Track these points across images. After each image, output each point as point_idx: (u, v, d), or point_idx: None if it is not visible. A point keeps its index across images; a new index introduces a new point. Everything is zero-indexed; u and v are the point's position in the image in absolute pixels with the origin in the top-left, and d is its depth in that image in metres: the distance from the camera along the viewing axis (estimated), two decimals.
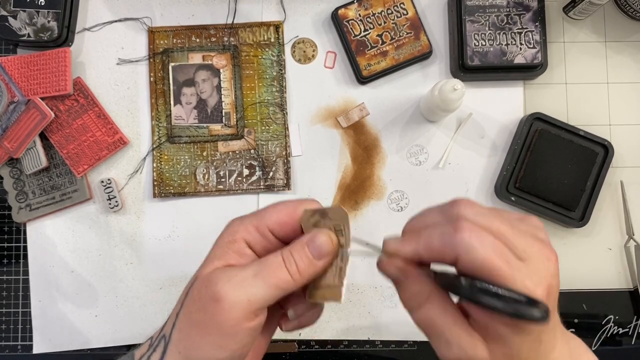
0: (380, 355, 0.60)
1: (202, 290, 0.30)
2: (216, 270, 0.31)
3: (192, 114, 0.60)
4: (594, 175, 0.58)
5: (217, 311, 0.29)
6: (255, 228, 0.32)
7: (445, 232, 0.28)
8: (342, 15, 0.60)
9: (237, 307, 0.29)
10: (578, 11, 0.60)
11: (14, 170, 0.60)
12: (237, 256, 0.32)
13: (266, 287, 0.30)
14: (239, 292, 0.29)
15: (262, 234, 0.32)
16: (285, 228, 0.32)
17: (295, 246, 0.31)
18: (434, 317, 0.29)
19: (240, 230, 0.32)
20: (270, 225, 0.32)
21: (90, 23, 0.61)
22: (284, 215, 0.32)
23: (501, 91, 0.61)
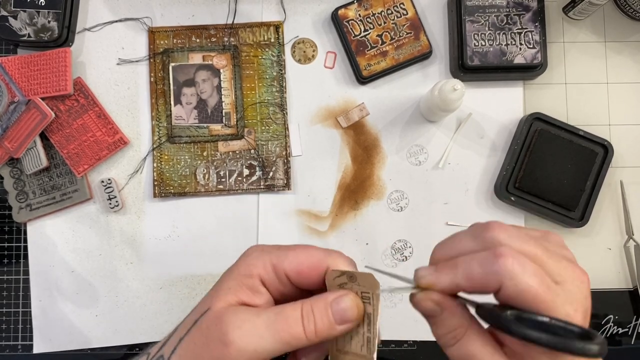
0: (380, 356, 0.60)
1: (211, 326, 0.29)
2: (230, 308, 0.30)
3: (193, 114, 0.61)
4: (594, 175, 0.58)
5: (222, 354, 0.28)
6: (273, 268, 0.31)
7: (485, 259, 0.27)
8: (342, 16, 0.60)
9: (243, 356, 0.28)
10: (578, 11, 0.60)
11: (15, 170, 0.60)
12: (251, 293, 0.31)
13: (277, 341, 0.29)
14: (248, 341, 0.28)
15: (279, 276, 0.31)
16: (303, 279, 0.31)
17: (317, 303, 0.29)
18: (473, 351, 0.28)
19: (259, 266, 0.31)
20: (288, 271, 0.31)
21: (91, 23, 0.62)
22: (307, 266, 0.31)
23: (501, 91, 0.61)
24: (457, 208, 0.60)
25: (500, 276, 0.26)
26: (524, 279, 0.25)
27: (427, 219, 0.60)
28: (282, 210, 0.61)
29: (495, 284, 0.26)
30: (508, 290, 0.26)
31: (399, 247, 0.60)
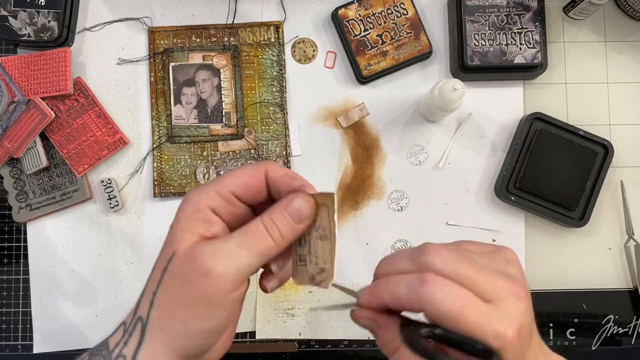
0: (380, 355, 0.60)
1: (185, 266, 0.30)
2: (196, 244, 0.30)
3: (193, 113, 0.61)
4: (594, 175, 0.58)
5: (206, 284, 0.29)
6: (218, 194, 0.32)
7: (411, 283, 0.29)
8: (342, 15, 0.60)
9: (226, 279, 0.29)
10: (578, 11, 0.60)
11: (15, 170, 0.60)
12: (206, 225, 0.31)
13: (252, 256, 0.30)
14: (227, 265, 0.29)
15: (226, 198, 0.32)
16: (249, 191, 0.32)
17: (274, 212, 0.31)
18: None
19: (203, 198, 0.32)
20: (233, 189, 0.32)
21: (91, 23, 0.61)
22: (247, 177, 0.32)
23: (501, 91, 0.61)
24: (457, 208, 0.60)
25: (422, 301, 0.28)
26: (444, 305, 0.27)
27: (427, 218, 0.60)
28: None
29: (418, 307, 0.28)
30: (430, 314, 0.28)
31: (399, 247, 0.60)
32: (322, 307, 0.33)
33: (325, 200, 0.31)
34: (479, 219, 0.60)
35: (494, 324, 0.27)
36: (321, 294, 0.60)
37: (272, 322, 0.60)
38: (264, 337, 0.59)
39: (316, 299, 0.60)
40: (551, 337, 0.60)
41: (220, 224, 0.32)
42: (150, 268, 0.64)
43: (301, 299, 0.60)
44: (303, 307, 0.60)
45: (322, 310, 0.31)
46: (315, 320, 0.60)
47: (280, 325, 0.60)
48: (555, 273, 0.60)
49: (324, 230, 0.32)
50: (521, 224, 0.60)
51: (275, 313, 0.60)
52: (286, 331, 0.60)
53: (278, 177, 0.32)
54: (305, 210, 0.31)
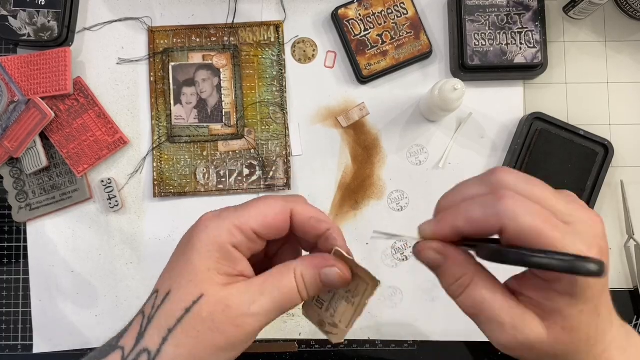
0: (380, 356, 0.60)
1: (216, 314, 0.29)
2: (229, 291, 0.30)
3: (192, 113, 0.61)
4: (594, 175, 0.58)
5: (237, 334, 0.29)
6: (239, 230, 0.30)
7: (487, 202, 0.27)
8: (342, 15, 0.60)
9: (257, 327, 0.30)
10: (578, 11, 0.60)
11: (14, 170, 0.60)
12: (231, 264, 0.30)
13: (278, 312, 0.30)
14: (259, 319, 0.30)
15: (247, 235, 0.31)
16: (271, 230, 0.31)
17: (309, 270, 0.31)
18: (482, 298, 0.28)
19: (224, 234, 0.30)
20: (255, 227, 0.31)
21: (91, 23, 0.61)
22: (272, 217, 0.31)
23: (501, 91, 0.61)
24: None
25: (500, 217, 0.26)
26: (525, 218, 0.25)
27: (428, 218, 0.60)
28: None
29: (497, 224, 0.26)
30: (511, 231, 0.26)
31: (399, 247, 0.60)
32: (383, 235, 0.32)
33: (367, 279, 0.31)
34: None
35: (577, 242, 0.25)
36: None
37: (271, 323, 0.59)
38: (264, 337, 0.59)
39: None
40: None
41: (244, 261, 0.31)
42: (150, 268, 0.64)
43: None
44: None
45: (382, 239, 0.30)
46: None
47: (280, 325, 0.60)
48: None
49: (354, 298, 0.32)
50: None
51: None
52: (286, 331, 0.60)
53: (304, 220, 0.32)
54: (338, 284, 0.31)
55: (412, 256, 0.60)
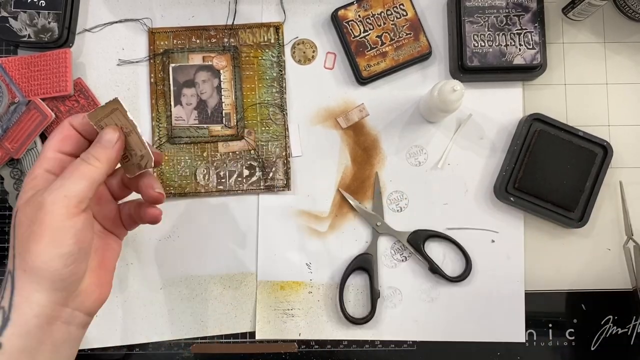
0: (380, 356, 0.60)
1: (26, 210, 0.35)
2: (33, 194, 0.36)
3: (193, 114, 0.61)
4: (593, 175, 0.59)
5: (44, 215, 0.34)
6: (45, 158, 0.38)
7: None
8: (342, 16, 0.60)
9: (57, 205, 0.34)
10: (577, 12, 0.60)
11: (15, 171, 0.61)
12: (46, 184, 0.37)
13: (74, 180, 0.36)
14: (55, 194, 0.35)
15: (53, 158, 0.38)
16: (67, 143, 0.39)
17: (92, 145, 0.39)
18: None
19: (35, 167, 0.38)
20: (55, 148, 0.38)
21: (91, 24, 0.62)
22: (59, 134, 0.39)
23: (500, 92, 0.62)
24: (456, 208, 0.61)
25: None
26: None
27: (427, 219, 0.61)
28: (282, 211, 0.61)
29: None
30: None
31: (398, 248, 0.60)
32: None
33: (115, 106, 0.39)
34: (478, 219, 0.60)
35: None
36: (320, 295, 0.60)
37: (271, 323, 0.60)
38: (264, 337, 0.60)
39: (316, 299, 0.60)
40: (550, 337, 0.60)
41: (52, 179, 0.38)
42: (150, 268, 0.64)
43: (301, 299, 0.60)
44: (303, 307, 0.60)
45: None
46: (314, 321, 0.60)
47: (280, 325, 0.60)
48: (554, 273, 0.61)
49: (126, 128, 0.39)
50: (520, 225, 0.60)
51: (274, 313, 0.60)
52: (286, 331, 0.60)
53: (80, 123, 0.40)
54: (113, 135, 0.39)
55: (411, 256, 0.60)
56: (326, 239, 0.60)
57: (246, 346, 0.60)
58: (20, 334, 0.34)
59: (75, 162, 0.37)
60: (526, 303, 0.60)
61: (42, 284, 0.34)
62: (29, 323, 0.34)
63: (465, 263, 0.60)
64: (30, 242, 0.34)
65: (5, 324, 0.33)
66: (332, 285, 0.60)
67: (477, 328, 0.60)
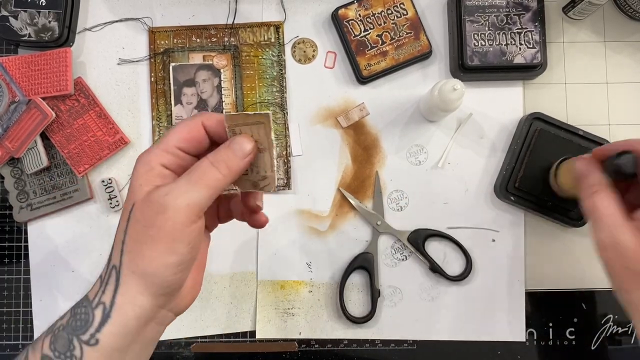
0: (380, 355, 0.60)
1: (145, 210, 0.33)
2: (151, 191, 0.33)
3: (193, 113, 0.61)
4: None
5: (164, 221, 0.32)
6: (164, 151, 0.35)
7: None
8: (342, 16, 0.60)
9: (180, 212, 0.32)
10: (577, 11, 0.60)
11: (15, 170, 0.61)
12: (160, 178, 0.34)
13: (200, 189, 0.33)
14: (178, 200, 0.32)
15: (173, 153, 0.35)
16: (191, 142, 0.35)
17: (219, 150, 0.35)
18: (598, 203, 0.41)
19: (152, 157, 0.35)
20: (177, 144, 0.35)
21: (91, 23, 0.62)
22: (186, 131, 0.35)
23: (501, 91, 0.61)
24: (456, 208, 0.61)
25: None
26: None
27: (427, 218, 0.61)
28: (282, 210, 0.61)
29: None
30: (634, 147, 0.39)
31: (398, 247, 0.60)
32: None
33: (262, 119, 0.35)
34: (479, 218, 0.60)
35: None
36: (320, 294, 0.60)
37: (272, 322, 0.60)
38: (264, 336, 0.60)
39: (316, 298, 0.60)
40: (551, 336, 0.60)
41: (173, 176, 0.35)
42: None
43: (301, 298, 0.60)
44: (303, 306, 0.60)
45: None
46: (315, 320, 0.60)
47: (280, 324, 0.60)
48: (554, 273, 0.60)
49: (262, 144, 0.36)
50: (520, 224, 0.60)
51: (275, 313, 0.60)
52: (286, 331, 0.60)
53: (214, 124, 0.36)
54: (248, 146, 0.35)
55: (411, 255, 0.60)
56: (326, 238, 0.60)
57: (246, 345, 0.60)
58: (119, 333, 0.33)
59: (204, 167, 0.34)
60: (526, 302, 0.60)
61: (149, 288, 0.33)
62: (128, 324, 0.33)
63: (465, 262, 0.60)
64: (145, 245, 0.33)
65: (105, 321, 0.33)
66: (333, 285, 0.60)
67: (478, 327, 0.60)
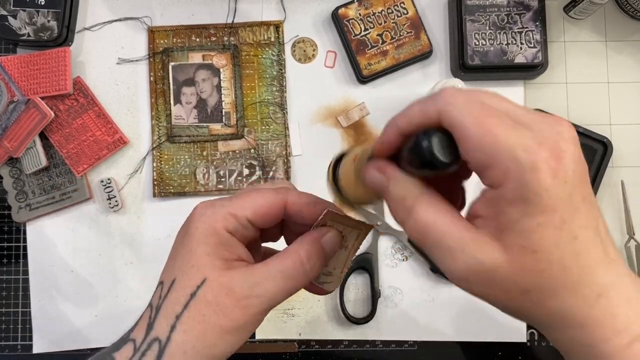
0: (380, 356, 0.60)
1: (220, 296, 0.29)
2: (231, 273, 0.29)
3: (192, 113, 0.60)
4: (593, 172, 0.58)
5: (242, 316, 0.29)
6: (233, 217, 0.30)
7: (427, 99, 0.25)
8: (343, 15, 0.60)
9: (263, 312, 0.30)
10: (578, 11, 0.60)
11: (14, 170, 0.60)
12: (229, 248, 0.30)
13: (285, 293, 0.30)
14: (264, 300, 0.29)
15: (242, 223, 0.30)
16: (265, 218, 0.31)
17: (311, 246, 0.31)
18: (427, 220, 0.25)
19: (219, 219, 0.30)
20: (249, 216, 0.30)
21: (90, 22, 0.61)
22: (266, 207, 0.31)
23: (501, 91, 0.61)
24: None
25: (439, 108, 0.24)
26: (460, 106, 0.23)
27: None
28: None
29: (432, 116, 0.24)
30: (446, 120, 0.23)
31: (399, 247, 0.60)
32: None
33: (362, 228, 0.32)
34: None
35: (524, 138, 0.22)
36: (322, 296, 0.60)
37: (272, 322, 0.59)
38: (264, 337, 0.59)
39: (316, 299, 0.59)
40: None
41: (241, 247, 0.31)
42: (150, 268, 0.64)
43: (301, 299, 0.60)
44: (303, 307, 0.60)
45: None
46: (315, 320, 0.60)
47: (280, 325, 0.59)
48: None
49: (346, 242, 0.32)
50: None
51: (275, 313, 0.59)
52: (286, 331, 0.59)
53: (301, 207, 0.32)
54: (337, 245, 0.32)
55: (412, 256, 0.60)
56: None
57: (246, 346, 0.60)
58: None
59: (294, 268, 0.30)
60: None
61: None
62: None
63: None
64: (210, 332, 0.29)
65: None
66: None
67: (478, 327, 0.59)
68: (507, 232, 0.23)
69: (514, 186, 0.22)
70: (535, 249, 0.22)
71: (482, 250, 0.23)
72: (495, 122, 0.22)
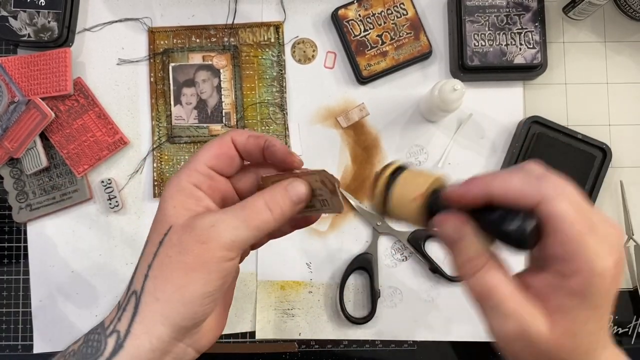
0: (380, 356, 0.60)
1: (183, 236, 0.31)
2: (195, 217, 0.31)
3: (192, 114, 0.61)
4: (592, 178, 0.58)
5: (204, 251, 0.30)
6: (195, 170, 0.33)
7: (528, 177, 0.27)
8: (342, 16, 0.60)
9: (222, 248, 0.30)
10: (578, 11, 0.60)
11: (15, 170, 0.60)
12: (195, 200, 0.32)
13: (249, 229, 0.31)
14: (225, 234, 0.30)
15: (204, 173, 0.33)
16: (223, 160, 0.34)
17: (276, 190, 0.33)
18: (491, 284, 0.28)
19: (183, 177, 0.33)
20: (208, 163, 0.33)
21: (91, 23, 0.62)
22: (216, 148, 0.34)
23: (501, 91, 0.61)
24: None
25: (541, 193, 0.26)
26: (563, 204, 0.26)
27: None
28: None
29: (533, 200, 0.26)
30: (543, 210, 0.26)
31: (398, 247, 0.60)
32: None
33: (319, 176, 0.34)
34: None
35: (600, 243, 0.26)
36: (320, 294, 0.60)
37: (271, 322, 0.60)
38: (264, 337, 0.60)
39: (316, 299, 0.60)
40: None
41: (207, 198, 0.33)
42: None
43: (301, 299, 0.60)
44: (303, 307, 0.60)
45: None
46: (315, 321, 0.60)
47: (280, 325, 0.60)
48: None
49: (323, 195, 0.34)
50: None
51: (275, 313, 0.60)
52: (286, 331, 0.60)
53: (244, 140, 0.34)
54: (304, 193, 0.33)
55: (411, 256, 0.60)
56: (326, 238, 0.60)
57: (246, 346, 0.60)
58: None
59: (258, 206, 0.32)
60: None
61: (170, 318, 0.30)
62: (141, 356, 0.30)
63: None
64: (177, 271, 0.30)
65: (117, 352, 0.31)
66: (332, 285, 0.60)
67: (478, 327, 0.60)
68: (559, 313, 0.27)
69: (581, 282, 0.26)
70: (575, 334, 0.27)
71: (534, 321, 0.27)
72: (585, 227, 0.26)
